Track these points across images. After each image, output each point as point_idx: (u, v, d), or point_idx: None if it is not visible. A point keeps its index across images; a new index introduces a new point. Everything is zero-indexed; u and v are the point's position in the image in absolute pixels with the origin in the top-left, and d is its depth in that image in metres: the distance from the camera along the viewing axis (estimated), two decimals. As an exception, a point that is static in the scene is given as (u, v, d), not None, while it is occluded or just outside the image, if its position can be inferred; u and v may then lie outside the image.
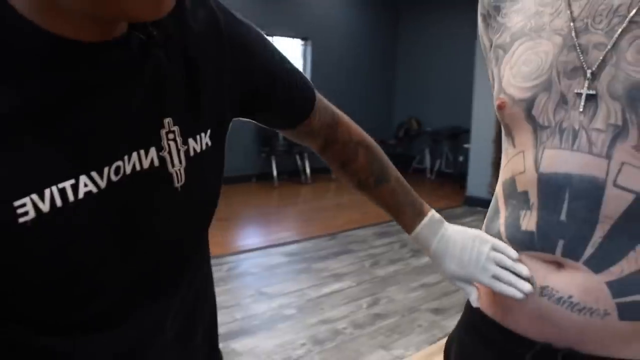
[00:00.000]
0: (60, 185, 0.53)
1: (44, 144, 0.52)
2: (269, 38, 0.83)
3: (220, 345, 0.85)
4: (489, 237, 0.89)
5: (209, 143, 0.69)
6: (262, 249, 4.89)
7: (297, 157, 8.17)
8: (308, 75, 6.92)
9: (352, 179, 0.98)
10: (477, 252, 0.88)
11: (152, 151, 0.62)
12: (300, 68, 7.96)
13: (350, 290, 3.89)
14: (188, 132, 0.66)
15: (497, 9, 0.95)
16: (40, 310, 0.58)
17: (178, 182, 0.65)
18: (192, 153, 0.66)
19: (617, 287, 0.77)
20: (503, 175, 0.91)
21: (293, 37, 8.46)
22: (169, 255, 0.67)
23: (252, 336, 3.16)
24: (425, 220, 0.95)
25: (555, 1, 0.85)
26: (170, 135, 0.63)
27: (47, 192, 0.52)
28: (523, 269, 0.83)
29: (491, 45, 0.96)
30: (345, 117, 0.97)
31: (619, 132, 0.75)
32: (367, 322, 3.36)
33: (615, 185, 0.76)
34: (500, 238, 0.88)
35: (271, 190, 7.61)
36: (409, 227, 0.97)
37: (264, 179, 7.94)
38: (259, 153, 8.00)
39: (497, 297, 0.90)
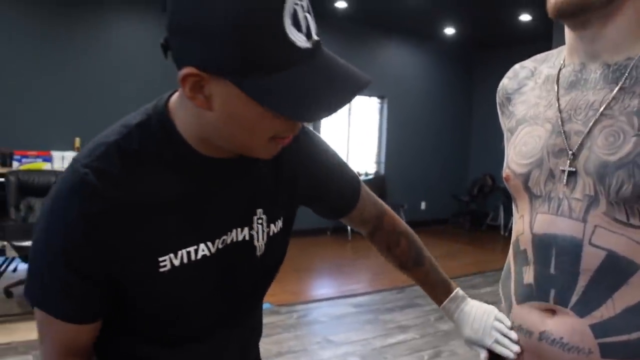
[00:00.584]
0: (187, 249, 0.84)
1: (181, 221, 0.83)
2: None
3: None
4: (495, 311, 1.14)
5: (281, 227, 0.99)
6: (332, 299, 5.11)
7: (371, 212, 8.38)
8: (384, 131, 7.23)
9: (395, 260, 1.23)
10: (485, 323, 1.12)
11: (246, 230, 0.92)
12: (377, 125, 8.24)
13: (414, 342, 4.02)
14: (271, 219, 0.96)
15: (509, 99, 1.17)
16: (155, 328, 0.89)
17: (259, 252, 0.94)
18: (271, 233, 0.96)
19: (599, 329, 0.92)
20: (512, 236, 1.12)
21: (370, 95, 8.84)
22: (243, 301, 0.98)
23: (316, 380, 3.37)
24: (451, 296, 1.20)
25: (548, 95, 1.06)
26: (259, 220, 0.94)
27: (179, 253, 0.83)
28: (513, 335, 1.06)
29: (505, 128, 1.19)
30: (389, 210, 1.22)
31: (592, 201, 0.93)
32: (427, 373, 3.49)
33: (590, 244, 0.93)
34: (510, 295, 1.08)
35: (345, 244, 7.85)
36: (438, 301, 1.21)
37: (339, 233, 8.19)
38: (334, 207, 8.28)
39: None
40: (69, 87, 6.17)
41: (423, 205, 9.26)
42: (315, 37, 0.72)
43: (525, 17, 7.35)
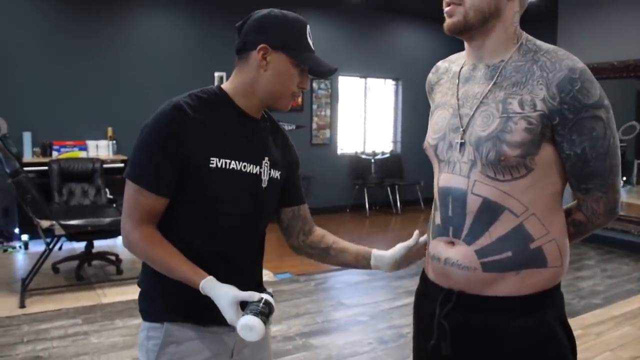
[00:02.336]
0: (225, 160, 1.37)
1: (224, 143, 1.38)
2: (366, 79, 1.76)
3: (301, 341, 1.56)
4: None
5: (278, 177, 1.50)
6: (347, 268, 5.51)
7: (388, 190, 8.77)
8: (399, 111, 7.60)
9: (325, 248, 1.61)
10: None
11: (257, 168, 1.45)
12: (392, 105, 8.55)
13: (420, 304, 4.40)
14: (273, 166, 1.48)
15: (432, 89, 1.56)
16: (200, 220, 1.41)
17: (264, 184, 1.46)
18: (272, 176, 1.48)
19: (481, 253, 1.30)
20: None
21: (386, 78, 9.18)
22: (255, 215, 1.48)
23: (328, 335, 3.80)
24: (373, 254, 1.57)
25: (453, 87, 1.43)
26: (266, 164, 1.46)
27: (221, 160, 1.36)
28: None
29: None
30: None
31: (473, 164, 1.31)
32: (429, 329, 3.87)
33: (472, 193, 1.31)
34: (429, 232, 1.47)
35: (363, 220, 8.26)
36: (367, 263, 1.57)
37: (357, 210, 8.62)
38: (352, 186, 8.69)
39: (429, 264, 1.48)
40: (101, 80, 6.66)
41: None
42: (313, 45, 1.43)
43: (532, -4, 7.59)
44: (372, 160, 8.62)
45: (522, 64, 1.30)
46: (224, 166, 1.37)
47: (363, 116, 9.11)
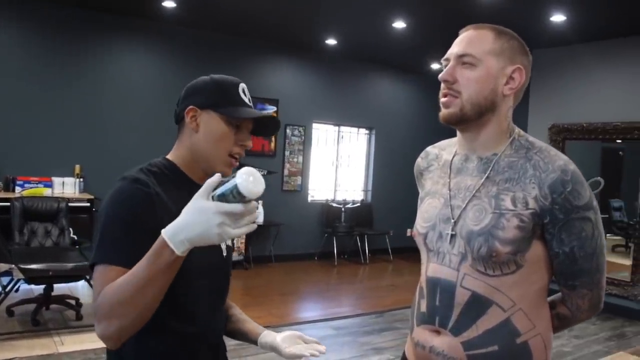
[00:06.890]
0: None
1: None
2: (340, 127, 2.18)
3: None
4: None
5: (232, 245, 1.46)
6: (314, 322, 5.43)
7: (357, 239, 8.75)
8: (371, 160, 7.65)
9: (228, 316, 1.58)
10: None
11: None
12: (364, 154, 8.59)
13: (387, 363, 4.34)
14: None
15: (421, 175, 1.55)
16: (176, 297, 1.27)
17: (224, 253, 1.42)
18: (227, 244, 1.44)
19: (467, 345, 1.29)
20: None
21: (359, 126, 9.26)
22: (223, 285, 1.46)
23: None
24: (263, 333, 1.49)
25: (444, 176, 1.43)
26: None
27: None
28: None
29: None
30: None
31: (463, 256, 1.30)
32: (397, 391, 3.80)
33: (461, 286, 1.30)
34: (413, 319, 1.44)
35: (331, 269, 8.17)
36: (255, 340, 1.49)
37: (325, 258, 8.53)
38: (322, 234, 8.63)
39: (413, 351, 1.44)
40: (70, 116, 6.54)
41: (408, 232, 9.60)
42: (250, 102, 1.40)
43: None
44: (342, 209, 8.59)
45: (515, 160, 1.31)
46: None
47: (335, 164, 9.13)
